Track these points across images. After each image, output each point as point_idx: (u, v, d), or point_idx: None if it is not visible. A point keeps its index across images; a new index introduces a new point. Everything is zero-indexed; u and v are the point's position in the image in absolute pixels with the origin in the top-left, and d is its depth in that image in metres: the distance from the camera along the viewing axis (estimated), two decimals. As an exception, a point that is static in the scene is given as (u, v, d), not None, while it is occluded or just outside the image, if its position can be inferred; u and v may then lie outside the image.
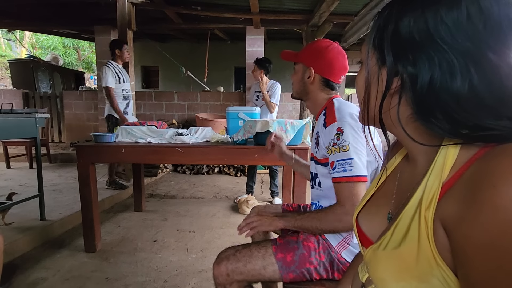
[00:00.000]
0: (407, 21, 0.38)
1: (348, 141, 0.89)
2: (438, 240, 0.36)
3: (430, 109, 0.37)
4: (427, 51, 0.37)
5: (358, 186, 0.87)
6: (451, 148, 0.38)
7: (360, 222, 0.57)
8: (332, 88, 1.07)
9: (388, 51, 0.40)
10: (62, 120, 5.44)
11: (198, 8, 3.60)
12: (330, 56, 1.05)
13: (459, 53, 0.35)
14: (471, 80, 0.34)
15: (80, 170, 1.94)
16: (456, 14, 0.35)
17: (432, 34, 0.36)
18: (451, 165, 0.37)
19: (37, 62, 6.32)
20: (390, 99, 0.41)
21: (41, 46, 11.31)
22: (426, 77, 0.36)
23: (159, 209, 2.93)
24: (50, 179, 3.66)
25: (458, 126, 0.36)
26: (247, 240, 1.31)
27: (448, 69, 0.35)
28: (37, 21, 4.87)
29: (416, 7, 0.38)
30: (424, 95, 0.37)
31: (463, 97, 0.35)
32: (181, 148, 1.94)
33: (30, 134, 2.18)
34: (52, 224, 2.26)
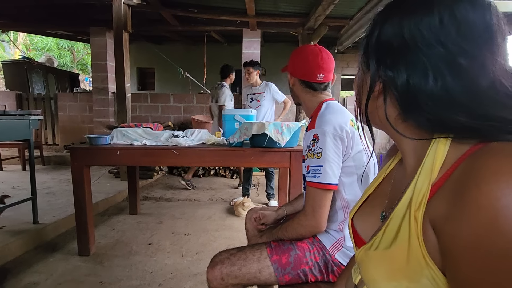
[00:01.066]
0: (387, 28, 0.41)
1: (322, 148, 0.91)
2: (428, 240, 0.36)
3: (413, 108, 0.39)
4: (403, 55, 0.39)
5: (322, 193, 0.91)
6: (440, 148, 0.39)
7: (355, 223, 0.58)
8: (314, 89, 1.07)
9: (372, 56, 0.43)
10: (56, 122, 5.38)
11: (195, 11, 3.60)
12: (301, 57, 1.08)
13: (432, 56, 0.37)
14: (443, 81, 0.37)
15: (74, 173, 1.92)
16: (429, 20, 0.38)
17: (407, 39, 0.39)
18: (440, 165, 0.38)
19: (31, 63, 6.26)
20: (376, 100, 0.44)
21: (35, 47, 11.21)
22: (403, 79, 0.39)
23: (154, 211, 2.91)
24: (43, 182, 3.61)
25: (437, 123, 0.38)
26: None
27: (422, 71, 0.38)
28: (31, 22, 4.83)
29: (396, 15, 0.41)
30: (405, 96, 0.40)
31: (436, 97, 0.37)
32: (177, 150, 1.93)
33: (23, 136, 2.16)
34: (45, 228, 2.23)
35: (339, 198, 0.98)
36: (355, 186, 0.97)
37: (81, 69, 11.94)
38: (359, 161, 0.96)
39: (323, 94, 1.08)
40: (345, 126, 0.94)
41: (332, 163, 0.91)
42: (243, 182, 3.24)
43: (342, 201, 0.98)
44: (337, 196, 0.97)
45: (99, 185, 3.43)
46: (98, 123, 4.97)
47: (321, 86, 1.07)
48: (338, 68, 7.75)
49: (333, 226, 0.99)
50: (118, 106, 3.65)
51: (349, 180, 0.97)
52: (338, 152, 0.93)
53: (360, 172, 0.96)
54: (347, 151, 0.95)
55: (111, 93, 4.94)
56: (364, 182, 0.97)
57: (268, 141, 1.85)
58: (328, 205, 0.93)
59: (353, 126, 0.96)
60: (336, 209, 0.99)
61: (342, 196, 0.98)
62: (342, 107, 1.04)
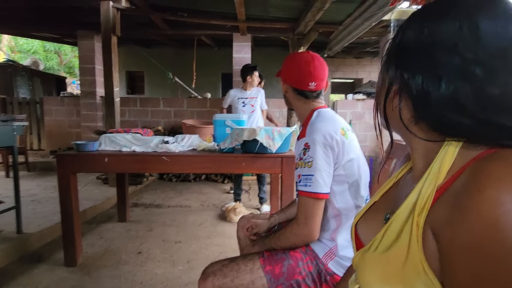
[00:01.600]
0: (409, 33, 0.42)
1: (313, 157, 0.92)
2: (427, 246, 0.36)
3: (425, 111, 0.40)
4: (420, 58, 0.40)
5: (314, 202, 0.91)
6: (449, 153, 0.39)
7: (358, 228, 0.58)
8: (306, 97, 1.07)
9: (392, 59, 0.45)
10: (42, 127, 5.24)
11: (185, 15, 3.58)
12: (293, 64, 1.08)
13: (447, 62, 0.38)
14: (455, 86, 0.37)
15: (61, 180, 1.87)
16: (448, 26, 0.38)
17: (425, 43, 0.40)
18: (447, 169, 0.39)
19: (16, 66, 6.09)
20: (392, 102, 0.45)
21: (21, 49, 10.92)
22: (418, 81, 0.40)
23: (144, 219, 2.85)
24: (28, 189, 3.50)
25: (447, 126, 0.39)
26: (235, 251, 1.29)
27: (436, 75, 0.38)
28: (16, 24, 4.70)
29: (418, 20, 0.42)
30: (419, 98, 0.40)
31: (448, 100, 0.38)
32: (167, 156, 1.90)
33: (7, 143, 2.09)
34: (30, 237, 2.15)
35: (330, 206, 0.98)
36: (346, 194, 0.97)
37: (68, 72, 11.68)
38: (350, 169, 0.96)
39: (315, 102, 1.09)
40: (335, 135, 0.94)
41: (323, 172, 0.92)
42: (234, 187, 3.21)
43: (333, 209, 0.98)
44: (328, 204, 0.97)
45: (87, 191, 3.35)
46: (86, 128, 4.87)
47: (313, 94, 1.08)
48: (328, 72, 7.84)
49: (326, 235, 0.99)
50: (107, 111, 3.58)
51: (340, 188, 0.97)
52: (329, 161, 0.93)
53: (351, 180, 0.97)
54: (337, 160, 0.95)
55: (99, 97, 4.84)
56: (355, 191, 0.98)
57: (259, 147, 1.84)
58: (320, 214, 0.93)
59: (344, 135, 0.97)
60: (328, 218, 0.99)
61: (333, 204, 0.98)
62: (334, 115, 1.05)
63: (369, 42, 5.56)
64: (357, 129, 4.88)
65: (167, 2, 3.41)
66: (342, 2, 2.77)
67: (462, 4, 0.39)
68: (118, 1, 3.34)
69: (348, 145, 0.97)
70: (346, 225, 0.98)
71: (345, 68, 8.02)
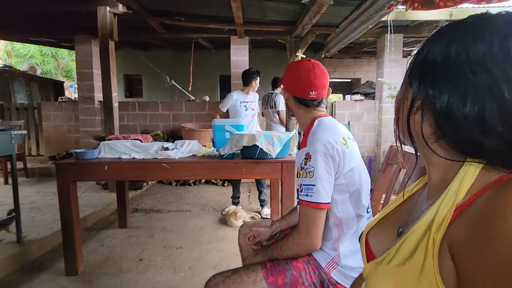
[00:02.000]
0: (435, 48, 0.42)
1: (314, 167, 0.92)
2: (443, 263, 0.37)
3: (448, 128, 0.40)
4: (446, 75, 0.40)
5: (315, 212, 0.92)
6: (470, 172, 0.39)
7: (369, 238, 0.58)
8: (306, 105, 1.08)
9: (416, 74, 0.44)
10: (40, 133, 5.22)
11: (182, 19, 3.58)
12: (293, 73, 1.09)
13: (474, 80, 0.37)
14: (481, 105, 0.37)
15: (60, 189, 1.86)
16: (478, 44, 0.38)
17: (452, 60, 0.39)
18: (467, 188, 0.39)
19: (13, 72, 6.06)
20: (414, 116, 0.45)
21: (17, 54, 10.86)
22: (442, 99, 0.40)
23: (145, 224, 2.84)
24: (27, 196, 3.49)
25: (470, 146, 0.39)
26: (237, 256, 1.30)
27: (462, 93, 0.38)
28: (13, 30, 4.68)
29: (446, 36, 0.42)
30: (442, 115, 0.40)
31: (472, 120, 0.37)
32: (167, 163, 1.90)
33: (5, 152, 2.08)
34: (30, 246, 2.15)
35: (331, 215, 0.98)
36: (347, 203, 0.97)
37: (66, 76, 11.63)
38: (351, 178, 0.97)
39: (316, 110, 1.09)
40: (335, 145, 0.94)
41: (324, 182, 0.92)
42: (233, 191, 3.21)
43: (335, 218, 0.98)
44: (329, 213, 0.98)
45: (87, 197, 3.34)
46: (85, 133, 4.85)
47: (314, 103, 1.08)
48: (325, 72, 7.86)
49: (328, 244, 0.99)
50: (105, 117, 3.57)
51: (341, 197, 0.97)
52: (330, 170, 0.93)
53: (352, 189, 0.97)
54: (338, 169, 0.95)
55: (97, 101, 4.83)
56: (356, 200, 0.98)
57: (259, 152, 1.84)
58: (322, 223, 0.93)
59: (345, 144, 0.97)
60: (330, 227, 0.99)
61: (334, 213, 0.98)
62: (334, 124, 1.05)
63: (367, 42, 5.57)
64: (356, 130, 4.89)
65: (164, 7, 3.40)
66: (339, 5, 2.78)
67: (493, 23, 0.39)
68: (115, 6, 3.33)
69: (349, 154, 0.97)
70: (348, 234, 0.98)
71: (342, 68, 8.04)
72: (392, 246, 0.45)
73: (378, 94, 4.93)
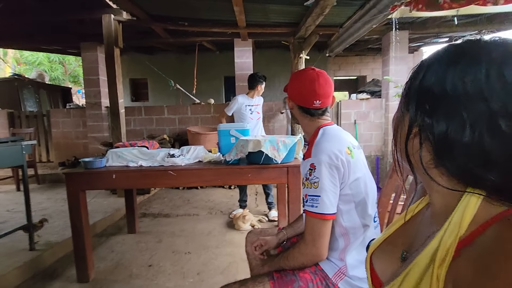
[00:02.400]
0: (430, 75, 0.41)
1: (319, 178, 0.92)
2: None
3: (446, 157, 0.39)
4: (442, 105, 0.39)
5: (321, 223, 0.92)
6: (471, 203, 0.38)
7: (373, 260, 0.58)
8: (311, 114, 1.08)
9: (412, 100, 0.43)
10: (50, 139, 5.32)
11: (185, 24, 3.60)
12: (298, 83, 1.09)
13: (472, 111, 0.36)
14: (480, 137, 0.36)
15: (70, 198, 1.90)
16: (474, 74, 0.37)
17: (448, 89, 0.39)
18: (469, 221, 0.38)
19: (22, 80, 6.18)
20: (412, 142, 0.44)
21: (26, 61, 11.08)
22: (440, 128, 0.39)
23: (153, 229, 2.88)
24: (39, 203, 3.56)
25: (469, 177, 0.38)
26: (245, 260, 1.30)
27: (460, 124, 0.37)
28: (21, 40, 4.78)
29: (442, 63, 0.41)
30: (440, 144, 0.39)
31: (471, 151, 0.36)
32: (174, 171, 1.92)
33: (16, 163, 2.13)
34: (42, 254, 2.19)
35: (337, 225, 0.98)
36: (353, 213, 0.97)
37: (73, 81, 11.83)
38: (357, 188, 0.96)
39: (320, 119, 1.09)
40: (340, 155, 0.94)
41: (329, 193, 0.92)
42: (240, 195, 3.22)
43: (340, 228, 0.98)
44: (335, 223, 0.97)
45: (96, 203, 3.40)
46: (93, 138, 4.93)
47: (319, 112, 1.08)
48: (330, 70, 7.79)
49: (335, 254, 0.99)
50: (112, 123, 3.62)
51: (347, 207, 0.97)
52: (334, 181, 0.93)
53: (357, 199, 0.97)
54: (343, 180, 0.95)
55: (104, 107, 4.90)
56: (362, 210, 0.97)
57: (265, 158, 1.84)
58: (327, 234, 0.93)
59: (350, 154, 0.97)
60: (336, 237, 0.99)
61: (340, 223, 0.98)
62: (339, 133, 1.04)
63: (371, 39, 5.51)
64: (362, 129, 4.85)
65: (167, 12, 3.43)
66: (342, 6, 2.75)
67: (489, 51, 0.38)
68: (119, 14, 3.37)
69: (354, 164, 0.96)
70: (355, 244, 0.97)
71: (347, 66, 7.97)
72: (396, 272, 0.45)
73: (384, 92, 4.87)
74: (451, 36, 5.30)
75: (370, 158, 4.90)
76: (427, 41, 5.74)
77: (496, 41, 0.39)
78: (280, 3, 2.87)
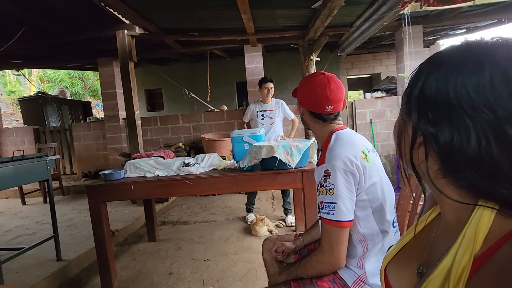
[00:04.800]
0: (431, 82, 0.39)
1: (334, 184, 0.90)
2: None
3: (453, 168, 0.37)
4: (446, 114, 0.37)
5: (338, 230, 0.90)
6: (484, 216, 0.36)
7: (388, 273, 0.55)
8: (323, 120, 1.07)
9: (414, 108, 0.41)
10: (73, 152, 5.56)
11: (195, 34, 3.68)
12: (309, 88, 1.07)
13: (477, 120, 0.34)
14: (487, 147, 0.34)
15: (92, 210, 1.97)
16: (477, 80, 0.35)
17: (451, 98, 0.36)
18: (484, 237, 0.36)
19: (45, 97, 6.52)
20: (417, 151, 0.42)
21: (49, 79, 11.70)
22: (447, 137, 0.36)
23: (173, 237, 2.92)
24: (64, 214, 3.71)
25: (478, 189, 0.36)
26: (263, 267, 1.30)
27: (465, 133, 0.35)
28: (43, 59, 5.06)
29: (442, 69, 0.38)
30: (446, 154, 0.37)
31: (479, 162, 0.34)
32: (189, 179, 1.95)
33: (42, 178, 2.24)
34: (69, 264, 2.28)
35: (355, 232, 0.96)
36: (370, 219, 0.94)
37: (93, 95, 12.34)
38: (373, 194, 0.94)
39: (333, 124, 1.07)
40: (355, 160, 0.92)
41: (345, 199, 0.90)
42: (247, 198, 3.23)
43: (358, 235, 0.96)
44: (352, 230, 0.95)
45: (117, 213, 3.50)
46: (112, 150, 5.10)
47: (331, 117, 1.06)
48: (343, 70, 7.69)
49: (353, 261, 0.96)
50: (130, 134, 3.74)
51: (364, 213, 0.94)
52: (350, 187, 0.91)
53: (374, 205, 0.94)
54: (359, 185, 0.92)
55: (122, 119, 5.07)
56: (380, 215, 0.95)
57: (278, 163, 1.84)
58: (345, 241, 0.91)
59: (365, 159, 0.94)
60: (354, 244, 0.97)
61: (357, 230, 0.95)
62: (352, 137, 1.02)
63: (384, 36, 5.39)
64: (379, 128, 4.74)
65: (177, 25, 3.52)
66: (351, 5, 2.72)
67: (491, 53, 0.35)
68: (132, 29, 3.49)
69: (370, 168, 0.94)
70: (374, 251, 0.95)
71: (360, 64, 7.82)
72: (413, 286, 0.43)
73: (400, 90, 4.75)
74: (468, 26, 5.09)
75: (389, 157, 4.77)
76: (443, 33, 5.54)
77: (498, 41, 0.36)
78: (287, 7, 2.88)
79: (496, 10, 3.82)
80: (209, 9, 2.96)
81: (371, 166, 0.95)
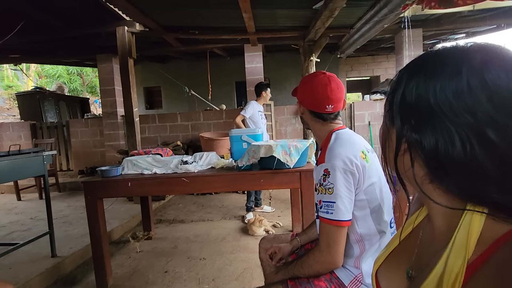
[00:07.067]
0: (411, 88, 0.39)
1: (333, 184, 0.90)
2: None
3: (440, 173, 0.37)
4: (428, 120, 0.37)
5: (336, 229, 0.90)
6: (475, 220, 0.36)
7: (379, 277, 0.55)
8: (323, 119, 1.07)
9: (397, 114, 0.41)
10: (69, 148, 5.52)
11: (196, 32, 3.67)
12: (309, 88, 1.07)
13: (459, 125, 0.34)
14: (472, 151, 0.34)
15: (89, 207, 1.95)
16: (455, 85, 0.35)
17: (432, 103, 0.36)
18: (475, 242, 0.35)
19: (43, 92, 6.48)
20: (402, 157, 0.41)
21: (47, 74, 11.63)
22: (431, 143, 0.36)
23: (169, 235, 2.91)
24: (60, 210, 3.69)
25: (467, 193, 0.35)
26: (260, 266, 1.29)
27: (449, 138, 0.35)
28: (42, 55, 5.02)
29: (421, 75, 0.38)
30: (431, 160, 0.37)
31: (465, 166, 0.34)
32: (187, 177, 1.94)
33: (38, 173, 2.22)
34: (63, 261, 2.26)
35: (352, 232, 0.95)
36: (368, 219, 0.94)
37: (91, 91, 12.29)
38: (372, 194, 0.94)
39: (333, 123, 1.07)
40: (355, 160, 0.92)
41: (344, 199, 0.90)
42: (247, 198, 3.24)
43: (355, 234, 0.96)
44: (349, 230, 0.95)
45: (113, 210, 3.47)
46: (110, 147, 5.08)
47: (331, 116, 1.06)
48: (342, 72, 7.71)
49: (350, 261, 0.96)
50: (128, 131, 3.72)
51: (362, 213, 0.94)
52: (350, 187, 0.91)
53: (372, 205, 0.94)
54: (358, 185, 0.92)
55: (120, 116, 5.04)
56: (378, 216, 0.95)
57: (277, 163, 1.83)
58: (343, 241, 0.91)
59: (364, 159, 0.94)
60: (351, 244, 0.96)
61: (355, 230, 0.95)
62: (352, 137, 1.02)
63: (383, 38, 5.41)
64: (377, 130, 4.75)
65: (178, 23, 3.51)
66: (352, 7, 2.72)
67: (468, 59, 0.36)
68: (132, 26, 3.48)
69: (369, 168, 0.94)
70: (371, 251, 0.95)
71: (360, 66, 7.85)
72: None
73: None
74: (468, 31, 5.13)
75: (386, 159, 4.79)
76: (443, 37, 5.57)
77: (473, 46, 0.37)
78: (288, 7, 2.88)
79: (496, 15, 3.85)
80: (211, 7, 2.95)
81: (370, 166, 0.95)
